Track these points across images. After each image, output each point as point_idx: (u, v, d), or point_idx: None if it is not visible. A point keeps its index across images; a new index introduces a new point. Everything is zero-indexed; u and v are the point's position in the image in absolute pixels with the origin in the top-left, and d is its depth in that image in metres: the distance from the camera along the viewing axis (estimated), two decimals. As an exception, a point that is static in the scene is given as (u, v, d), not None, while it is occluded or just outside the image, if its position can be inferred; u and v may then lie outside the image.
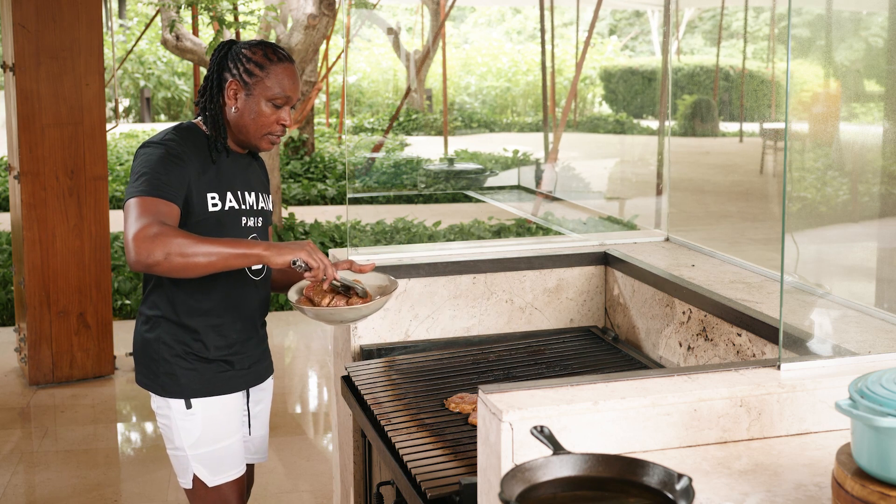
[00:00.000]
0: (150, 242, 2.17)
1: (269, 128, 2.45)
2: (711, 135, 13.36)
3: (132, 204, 2.25)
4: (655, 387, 1.89)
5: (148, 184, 2.28)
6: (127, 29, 17.88)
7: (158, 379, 2.48)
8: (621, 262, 3.13)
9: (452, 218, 9.04)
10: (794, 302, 2.48)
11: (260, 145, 2.49)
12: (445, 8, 12.00)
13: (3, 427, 4.77)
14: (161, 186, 2.29)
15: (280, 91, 2.43)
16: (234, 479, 2.54)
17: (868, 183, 3.43)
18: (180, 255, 2.18)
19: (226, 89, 2.44)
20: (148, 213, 2.23)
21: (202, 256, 2.20)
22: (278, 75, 2.43)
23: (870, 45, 3.44)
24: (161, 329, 2.47)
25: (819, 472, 1.75)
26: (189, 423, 2.48)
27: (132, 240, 2.18)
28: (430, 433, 2.36)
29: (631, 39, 18.65)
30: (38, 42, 5.07)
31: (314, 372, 5.76)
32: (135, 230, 2.19)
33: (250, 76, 2.42)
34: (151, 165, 2.32)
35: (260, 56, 2.43)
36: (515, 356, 2.88)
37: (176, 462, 2.54)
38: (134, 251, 2.18)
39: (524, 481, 1.48)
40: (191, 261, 2.19)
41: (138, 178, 2.30)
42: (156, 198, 2.27)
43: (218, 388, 2.50)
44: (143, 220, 2.21)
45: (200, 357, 2.47)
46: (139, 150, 2.38)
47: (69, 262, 5.24)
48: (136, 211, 2.23)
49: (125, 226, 2.23)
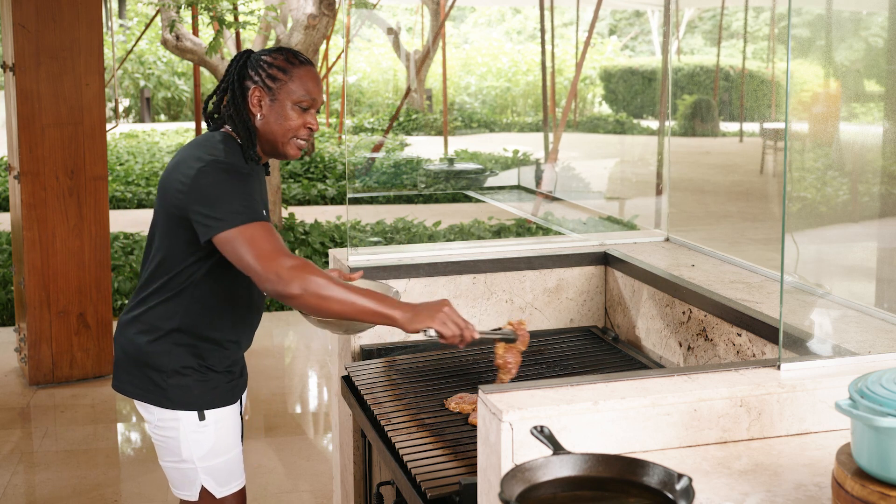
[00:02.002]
0: (288, 273, 2.15)
1: (296, 132, 2.40)
2: (711, 135, 13.36)
3: (245, 232, 2.19)
4: (655, 387, 1.89)
5: (246, 209, 2.23)
6: (127, 29, 17.88)
7: (166, 392, 2.42)
8: (621, 262, 3.13)
9: (452, 218, 9.04)
10: (794, 302, 2.48)
11: (287, 152, 2.43)
12: (445, 8, 12.00)
13: (3, 427, 4.77)
14: (257, 209, 2.25)
15: (305, 93, 2.39)
16: (239, 489, 2.53)
17: (868, 183, 3.43)
18: (317, 295, 2.16)
19: (249, 97, 2.39)
20: (274, 240, 2.20)
21: (337, 303, 2.17)
22: (302, 78, 2.40)
23: (870, 45, 3.44)
24: (171, 341, 2.41)
25: (819, 472, 1.75)
26: (201, 435, 2.44)
27: (267, 267, 2.15)
28: (430, 433, 2.36)
29: (631, 39, 18.65)
30: (38, 42, 5.07)
31: (314, 372, 5.76)
32: (268, 258, 2.16)
33: (274, 81, 2.38)
34: (237, 187, 2.26)
35: (281, 61, 2.40)
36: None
37: (179, 475, 2.48)
38: (271, 279, 2.15)
39: (524, 481, 1.48)
40: (325, 304, 2.17)
41: (230, 202, 2.22)
42: (261, 222, 2.22)
43: (228, 398, 2.49)
44: (275, 248, 2.18)
45: (211, 369, 2.45)
46: (202, 170, 2.27)
47: (69, 262, 5.24)
48: (256, 239, 2.19)
49: (251, 251, 2.18)
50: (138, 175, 11.29)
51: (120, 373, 2.49)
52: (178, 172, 2.32)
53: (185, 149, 2.40)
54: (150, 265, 2.44)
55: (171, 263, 2.39)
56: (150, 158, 12.44)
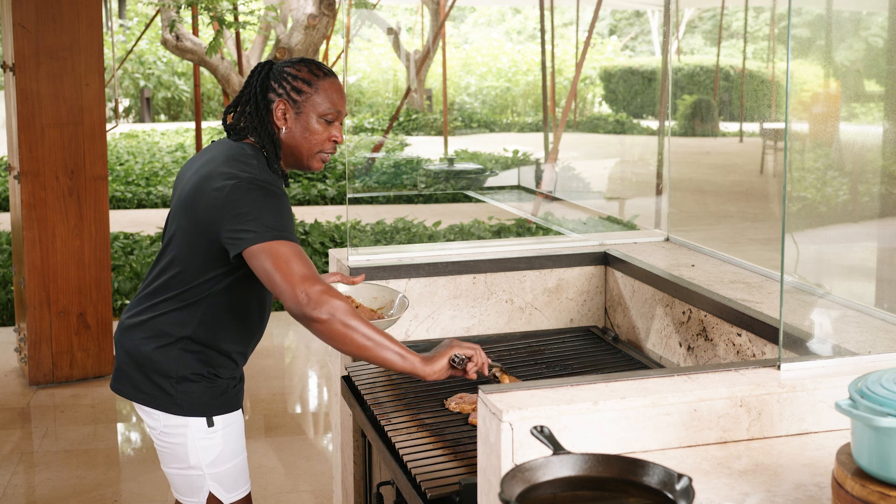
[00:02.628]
0: (318, 297, 2.11)
1: (322, 146, 2.37)
2: (711, 135, 13.36)
3: (278, 248, 2.15)
4: (655, 387, 1.89)
5: (280, 225, 2.19)
6: (127, 29, 17.89)
7: (174, 398, 2.39)
8: (621, 262, 3.13)
9: (452, 218, 9.04)
10: (794, 302, 2.48)
11: (311, 165, 2.40)
12: (445, 8, 12.00)
13: (3, 427, 4.77)
14: (290, 228, 2.22)
15: (330, 106, 2.36)
16: (245, 495, 2.52)
17: (868, 183, 3.43)
18: (343, 324, 2.12)
19: (274, 110, 2.35)
20: (306, 262, 2.16)
21: (361, 337, 2.13)
22: (327, 90, 2.36)
23: (870, 45, 3.44)
24: (181, 347, 2.38)
25: (819, 472, 1.75)
26: (209, 442, 2.42)
27: (297, 288, 2.11)
28: (430, 433, 2.36)
29: (631, 39, 18.65)
30: (38, 42, 5.07)
31: (314, 372, 5.76)
32: (300, 278, 2.12)
33: (299, 94, 2.34)
34: (270, 204, 2.22)
35: (306, 73, 2.36)
36: (515, 356, 2.88)
37: (185, 481, 2.46)
38: (300, 302, 2.11)
39: (524, 481, 1.48)
40: (349, 335, 2.12)
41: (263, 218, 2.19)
42: (293, 242, 2.19)
43: (234, 403, 2.48)
44: (306, 270, 2.14)
45: (219, 375, 2.43)
46: (237, 186, 2.23)
47: (69, 262, 5.24)
48: (289, 258, 2.15)
49: (281, 269, 2.13)
50: (138, 175, 11.29)
51: (122, 377, 2.46)
52: (209, 186, 2.27)
53: (216, 161, 2.33)
54: (166, 273, 2.38)
55: (190, 275, 2.34)
56: (150, 158, 12.45)
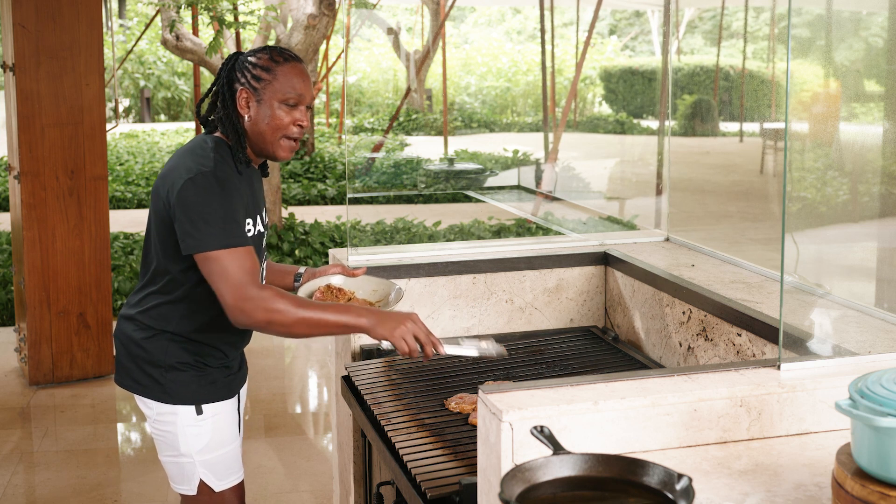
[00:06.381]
0: (251, 305, 2.19)
1: (286, 130, 2.40)
2: (711, 135, 13.37)
3: (219, 259, 2.22)
4: (655, 387, 1.89)
5: (224, 232, 2.25)
6: (127, 29, 17.89)
7: (163, 386, 2.44)
8: (621, 262, 3.13)
9: (452, 218, 9.03)
10: (794, 302, 2.48)
11: (277, 153, 2.42)
12: (445, 8, 12.00)
13: (3, 427, 4.77)
14: (236, 231, 2.27)
15: (290, 90, 2.39)
16: (237, 482, 2.55)
17: (868, 183, 3.43)
18: (281, 324, 2.20)
19: (237, 99, 2.40)
20: (240, 269, 2.22)
21: (304, 326, 2.21)
22: (286, 75, 2.40)
23: (870, 45, 3.44)
24: (166, 338, 2.44)
25: (819, 472, 1.75)
26: (198, 429, 2.46)
27: (231, 302, 2.20)
28: (430, 433, 2.36)
29: (631, 39, 18.65)
30: (38, 42, 5.07)
31: (314, 372, 5.76)
32: (231, 291, 2.20)
33: (258, 81, 2.39)
34: (221, 204, 2.27)
35: (265, 60, 2.41)
36: (515, 356, 2.88)
37: (178, 469, 2.50)
38: (235, 314, 2.21)
39: (524, 481, 1.48)
40: (292, 330, 2.22)
41: (210, 222, 2.24)
42: (235, 248, 2.24)
43: (224, 393, 2.50)
44: (237, 280, 2.21)
45: (208, 364, 2.47)
46: (190, 181, 2.28)
47: (69, 262, 5.24)
48: (226, 268, 2.22)
49: (220, 280, 2.22)
50: (138, 175, 11.29)
51: (121, 369, 2.53)
52: (167, 181, 2.34)
53: (178, 155, 2.40)
54: (149, 267, 2.47)
55: (165, 267, 2.41)
56: (150, 158, 12.45)
